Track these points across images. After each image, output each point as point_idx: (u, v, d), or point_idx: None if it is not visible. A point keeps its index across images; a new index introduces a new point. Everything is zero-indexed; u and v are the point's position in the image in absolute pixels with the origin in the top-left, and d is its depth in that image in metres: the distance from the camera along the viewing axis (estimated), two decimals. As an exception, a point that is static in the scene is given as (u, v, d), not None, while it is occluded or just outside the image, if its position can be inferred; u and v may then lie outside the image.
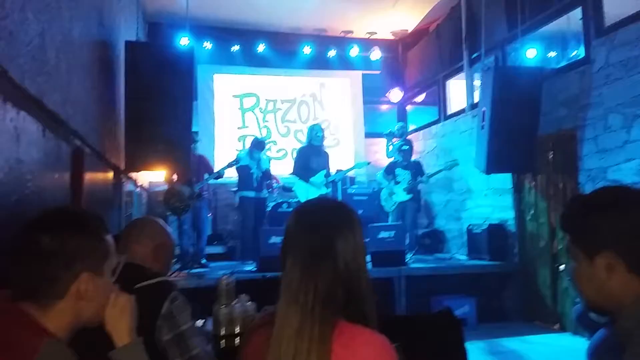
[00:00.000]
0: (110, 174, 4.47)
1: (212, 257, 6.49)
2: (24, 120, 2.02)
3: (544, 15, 5.76)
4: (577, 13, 5.33)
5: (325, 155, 6.55)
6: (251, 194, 6.51)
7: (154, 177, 7.31)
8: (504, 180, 6.17)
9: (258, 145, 6.64)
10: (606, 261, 1.05)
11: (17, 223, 1.51)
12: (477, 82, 6.83)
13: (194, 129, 8.01)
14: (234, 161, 6.17)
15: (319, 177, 6.39)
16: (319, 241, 1.14)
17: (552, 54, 7.23)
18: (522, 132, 5.24)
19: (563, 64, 5.98)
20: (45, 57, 2.36)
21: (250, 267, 5.81)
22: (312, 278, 1.11)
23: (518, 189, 6.06)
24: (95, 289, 1.14)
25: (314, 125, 6.71)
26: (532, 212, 5.84)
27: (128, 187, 5.54)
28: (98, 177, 3.88)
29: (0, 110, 1.77)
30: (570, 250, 1.15)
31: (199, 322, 2.32)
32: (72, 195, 2.90)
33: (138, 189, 6.34)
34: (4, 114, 1.80)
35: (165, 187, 5.86)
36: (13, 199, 1.92)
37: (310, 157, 6.41)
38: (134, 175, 5.80)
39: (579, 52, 5.64)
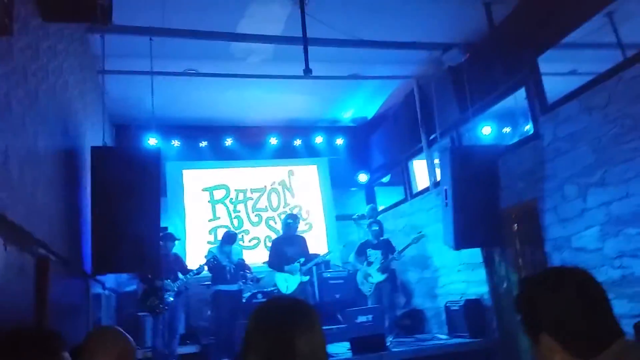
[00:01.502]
0: (77, 280, 4.36)
1: (186, 358, 6.20)
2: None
3: (491, 96, 6.17)
4: (522, 92, 5.74)
5: (300, 241, 6.58)
6: (225, 287, 6.40)
7: (122, 278, 7.13)
8: (475, 254, 6.25)
9: (229, 239, 6.66)
10: (545, 344, 1.09)
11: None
12: (437, 161, 7.12)
13: (163, 224, 8.06)
14: (211, 259, 6.17)
15: (294, 266, 6.38)
16: (278, 342, 1.15)
17: (507, 129, 7.66)
18: (485, 207, 5.42)
19: (516, 139, 6.34)
20: (9, 173, 2.40)
21: (226, 365, 5.58)
22: None
23: (489, 263, 6.13)
24: None
25: (286, 214, 6.83)
26: (505, 285, 5.88)
27: (95, 290, 5.38)
28: (64, 283, 3.78)
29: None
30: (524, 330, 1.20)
31: None
32: (36, 305, 2.82)
33: (106, 292, 6.14)
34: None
35: (135, 287, 5.76)
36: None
37: (284, 246, 6.45)
38: (102, 278, 5.65)
39: (529, 128, 6.01)
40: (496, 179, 5.50)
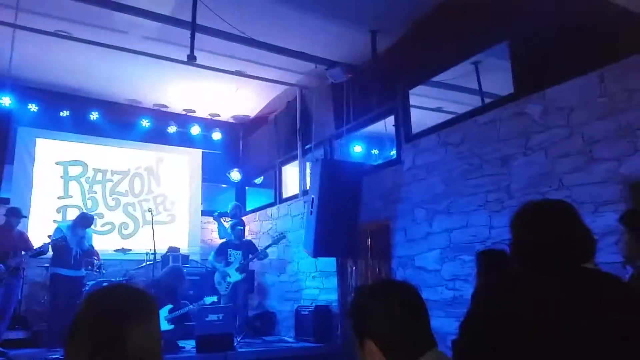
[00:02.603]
0: None
1: (12, 344, 5.60)
2: None
3: (365, 118, 6.55)
4: (392, 119, 6.17)
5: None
6: (66, 272, 5.91)
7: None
8: (330, 263, 6.54)
9: (84, 221, 6.17)
10: (368, 348, 1.19)
11: None
12: (309, 170, 7.34)
13: (6, 195, 7.21)
14: (59, 238, 5.66)
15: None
16: (109, 327, 1.09)
17: (375, 151, 8.16)
18: (346, 220, 5.71)
19: (381, 161, 6.79)
20: None
21: (57, 355, 5.12)
22: None
23: (341, 272, 6.46)
24: None
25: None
26: (352, 294, 6.21)
27: None
28: None
29: None
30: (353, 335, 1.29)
31: None
32: None
33: None
34: None
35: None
36: None
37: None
38: None
39: (394, 152, 6.47)
40: (359, 195, 5.83)
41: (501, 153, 4.57)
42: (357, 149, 7.49)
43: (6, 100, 6.74)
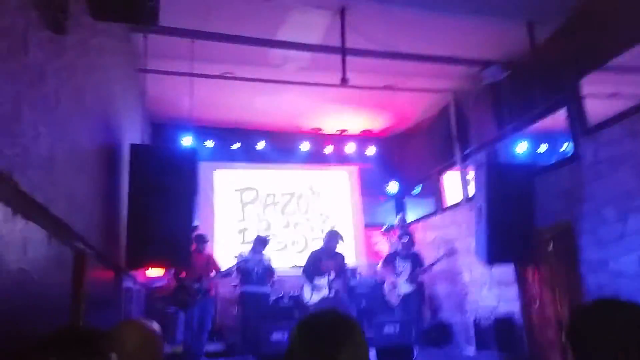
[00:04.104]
0: (111, 273, 4.45)
1: (212, 355, 6.29)
2: (32, 230, 2.08)
3: (530, 115, 6.05)
4: (562, 112, 5.61)
5: (338, 258, 6.53)
6: (252, 288, 6.46)
7: (152, 273, 7.27)
8: (507, 272, 6.13)
9: (262, 241, 6.74)
10: None
11: (18, 330, 1.51)
12: (470, 176, 7.02)
13: (194, 223, 8.18)
14: (242, 262, 6.25)
15: (323, 281, 6.33)
16: (323, 356, 1.15)
17: (543, 148, 7.49)
18: (520, 225, 5.30)
19: (552, 159, 6.20)
20: (54, 167, 2.47)
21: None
22: None
23: (521, 281, 6.01)
24: None
25: (330, 230, 6.81)
26: (537, 303, 5.74)
27: (128, 284, 5.49)
28: (99, 277, 3.87)
29: (10, 222, 1.83)
30: None
31: None
32: (72, 297, 2.89)
33: (137, 286, 6.27)
34: (13, 225, 1.87)
35: (165, 282, 5.92)
36: (14, 306, 1.93)
37: (322, 259, 6.44)
38: (134, 272, 5.78)
39: (567, 148, 5.87)
40: (532, 197, 5.37)
41: None
42: (522, 148, 6.96)
43: (188, 140, 7.72)
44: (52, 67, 2.48)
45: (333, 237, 6.50)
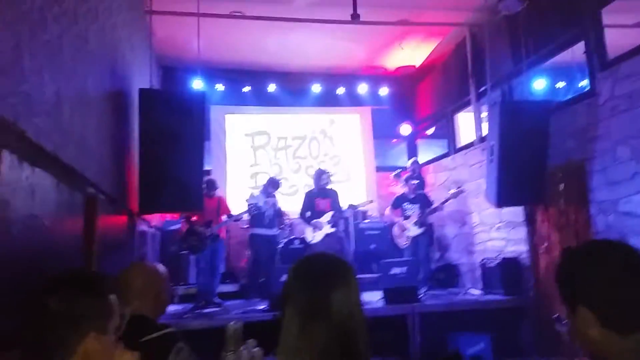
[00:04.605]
0: (124, 218, 4.57)
1: (225, 296, 6.50)
2: (39, 177, 2.12)
3: (548, 49, 5.84)
4: (581, 46, 5.39)
5: (332, 195, 6.61)
6: (262, 231, 6.59)
7: (168, 216, 7.45)
8: (516, 213, 6.14)
9: (274, 184, 6.78)
10: (582, 315, 1.08)
11: (32, 274, 1.57)
12: (485, 115, 6.89)
13: (206, 167, 8.25)
14: (253, 207, 6.30)
15: (320, 220, 6.45)
16: (315, 297, 1.19)
17: (561, 84, 7.28)
18: (532, 165, 5.25)
19: (571, 95, 6.02)
20: (61, 114, 2.48)
21: (262, 305, 5.81)
22: (308, 335, 1.15)
23: (530, 222, 6.02)
24: (101, 348, 1.19)
25: (318, 169, 6.85)
26: (545, 245, 5.78)
27: (142, 227, 5.64)
28: (112, 221, 3.98)
29: (17, 169, 1.87)
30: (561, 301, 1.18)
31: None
32: (84, 241, 2.98)
33: (152, 229, 6.44)
34: (20, 172, 1.90)
35: (180, 225, 6.04)
36: (27, 251, 2.00)
37: (316, 199, 6.55)
38: (148, 217, 5.92)
39: (585, 84, 5.68)
40: (546, 136, 5.28)
41: None
42: (540, 84, 6.76)
43: (198, 83, 7.65)
44: (53, 14, 2.43)
45: (319, 175, 6.56)
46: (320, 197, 6.56)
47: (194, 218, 5.98)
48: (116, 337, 1.27)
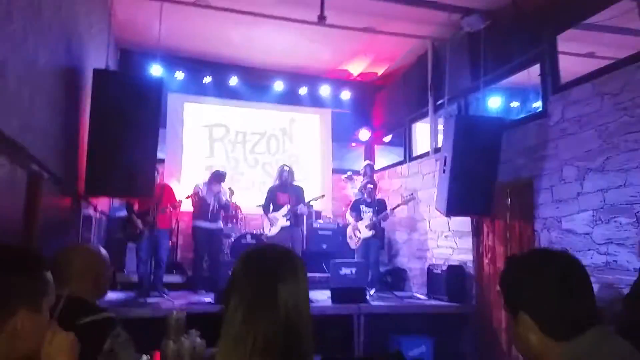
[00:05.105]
0: (69, 199, 4.38)
1: (171, 286, 6.36)
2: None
3: (505, 68, 6.05)
4: (537, 68, 5.62)
5: (296, 191, 6.64)
6: (204, 224, 6.49)
7: (117, 202, 7.21)
8: (464, 223, 6.32)
9: (217, 177, 6.68)
10: (523, 322, 1.11)
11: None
12: (441, 127, 7.05)
13: (160, 156, 8.03)
14: (193, 193, 6.20)
15: (279, 213, 6.49)
16: (262, 287, 1.17)
17: (515, 104, 7.56)
18: (482, 178, 5.42)
19: (523, 115, 6.26)
20: (5, 84, 2.35)
21: (208, 298, 5.72)
22: (252, 325, 1.12)
23: (477, 232, 6.21)
24: (31, 326, 1.13)
25: (282, 164, 6.86)
26: (489, 255, 5.97)
27: (87, 211, 5.43)
28: (55, 202, 3.81)
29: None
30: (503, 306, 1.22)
31: (145, 358, 2.28)
32: (25, 221, 2.84)
33: (97, 215, 6.20)
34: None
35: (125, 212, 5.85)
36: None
37: (278, 194, 6.56)
38: (94, 200, 5.70)
39: (537, 106, 5.92)
40: (497, 152, 5.47)
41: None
42: (495, 102, 7.00)
43: (157, 69, 7.45)
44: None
45: (281, 171, 6.62)
46: (281, 192, 6.57)
47: (135, 207, 5.78)
48: (51, 316, 1.21)
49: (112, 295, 5.56)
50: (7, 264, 1.12)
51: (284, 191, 6.60)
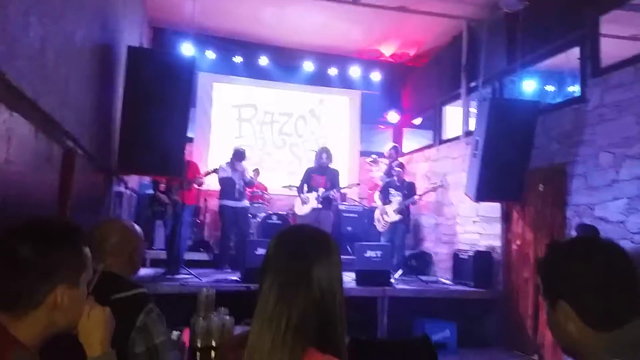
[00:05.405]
0: (101, 176, 4.47)
1: (196, 264, 6.47)
2: (17, 122, 2.04)
3: (543, 51, 5.85)
4: (576, 52, 5.42)
5: (332, 173, 6.63)
6: (230, 203, 6.54)
7: (147, 179, 7.32)
8: (494, 208, 6.22)
9: (238, 155, 6.69)
10: (562, 311, 1.08)
11: (2, 223, 1.52)
12: (473, 110, 6.91)
13: (189, 135, 8.10)
14: (212, 170, 6.24)
15: (311, 194, 6.49)
16: (296, 267, 1.17)
17: (550, 88, 7.34)
18: (514, 163, 5.31)
19: (559, 99, 6.07)
20: (45, 61, 2.38)
21: (234, 277, 5.80)
22: (286, 304, 1.13)
23: (506, 219, 6.11)
24: (70, 300, 1.15)
25: (321, 147, 6.82)
26: (518, 242, 5.88)
27: (118, 188, 5.53)
28: (88, 178, 3.89)
29: (-6, 111, 1.79)
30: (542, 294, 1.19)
31: (175, 334, 2.32)
32: (59, 195, 2.90)
33: (128, 191, 6.33)
34: (-3, 115, 1.82)
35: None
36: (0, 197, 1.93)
37: (314, 175, 6.60)
38: (125, 177, 5.81)
39: (575, 89, 5.73)
40: (531, 137, 5.33)
41: None
42: (529, 86, 6.81)
43: (188, 48, 7.48)
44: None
45: (320, 153, 6.60)
46: (317, 174, 6.58)
47: (162, 184, 5.86)
48: (88, 291, 1.24)
49: (140, 272, 5.70)
50: (50, 238, 1.14)
51: (321, 173, 6.59)
